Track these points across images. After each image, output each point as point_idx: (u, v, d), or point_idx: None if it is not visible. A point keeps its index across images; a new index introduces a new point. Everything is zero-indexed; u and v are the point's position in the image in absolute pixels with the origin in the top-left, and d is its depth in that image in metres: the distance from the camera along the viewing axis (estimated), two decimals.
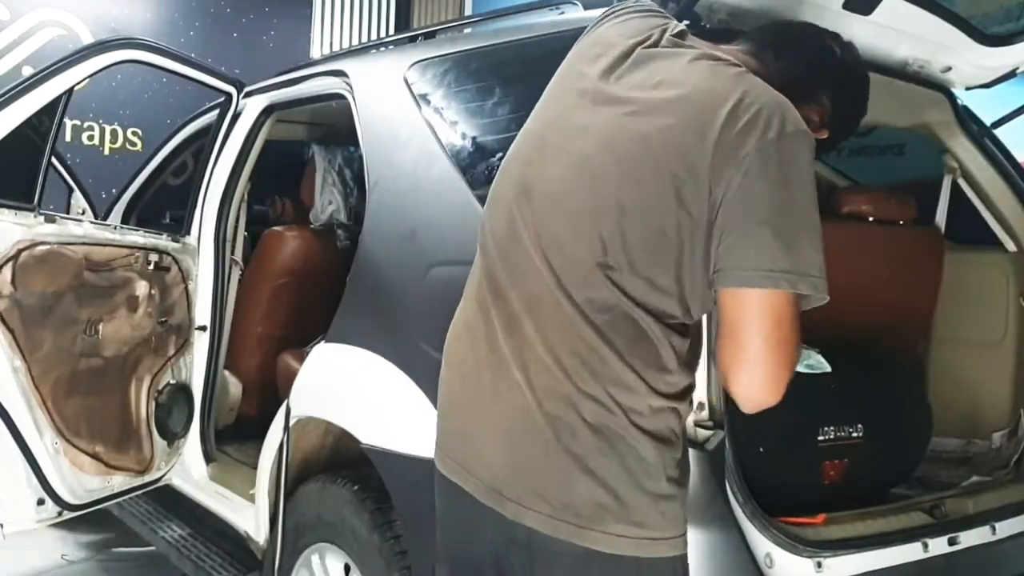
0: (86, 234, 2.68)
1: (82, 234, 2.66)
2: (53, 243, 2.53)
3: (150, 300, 2.84)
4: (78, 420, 2.60)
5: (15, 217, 2.45)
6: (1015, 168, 2.56)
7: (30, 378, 2.45)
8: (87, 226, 2.73)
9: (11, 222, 2.44)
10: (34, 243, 2.47)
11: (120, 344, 2.75)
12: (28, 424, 2.44)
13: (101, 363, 2.69)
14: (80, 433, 2.61)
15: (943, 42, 2.21)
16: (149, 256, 2.85)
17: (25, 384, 2.43)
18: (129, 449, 2.80)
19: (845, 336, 2.27)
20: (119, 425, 2.77)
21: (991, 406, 2.59)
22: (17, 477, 2.45)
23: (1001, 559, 2.06)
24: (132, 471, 2.80)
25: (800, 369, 2.03)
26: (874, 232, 2.42)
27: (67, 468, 2.55)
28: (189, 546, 3.05)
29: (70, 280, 2.58)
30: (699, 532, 1.63)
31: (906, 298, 2.51)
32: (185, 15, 6.37)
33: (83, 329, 2.62)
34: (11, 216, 2.44)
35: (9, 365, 2.40)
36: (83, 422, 2.62)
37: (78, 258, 2.60)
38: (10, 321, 2.40)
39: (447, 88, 2.28)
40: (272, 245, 3.39)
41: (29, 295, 2.46)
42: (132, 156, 5.82)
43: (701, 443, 1.63)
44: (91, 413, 2.66)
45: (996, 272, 2.61)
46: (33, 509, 2.49)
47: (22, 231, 2.45)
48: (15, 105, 2.46)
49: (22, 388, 2.43)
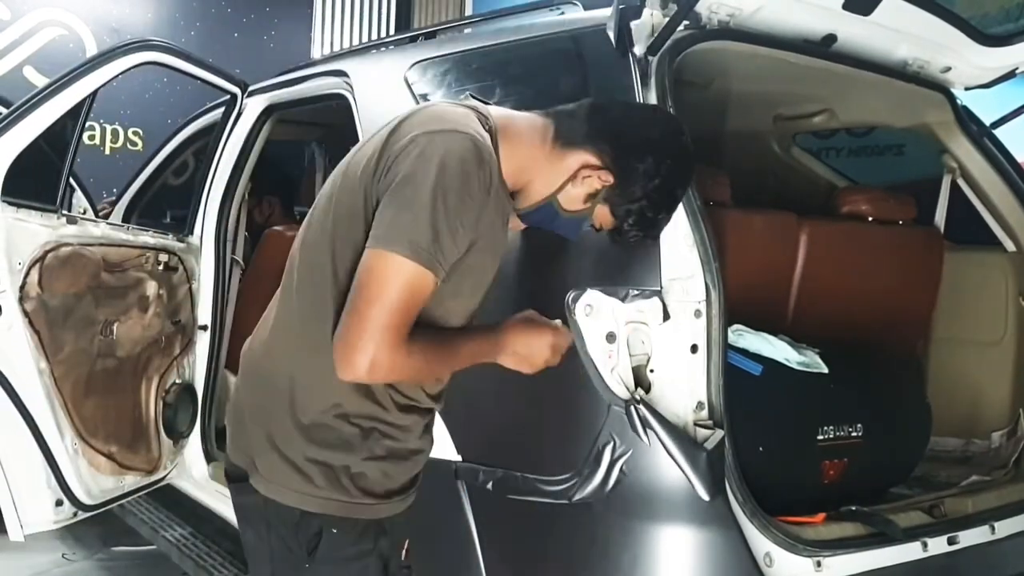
0: (103, 235, 2.69)
1: (100, 235, 2.68)
2: (75, 244, 2.54)
3: (159, 300, 2.85)
4: (95, 421, 2.60)
5: (41, 219, 2.46)
6: (1015, 168, 2.57)
7: (53, 380, 2.44)
8: (104, 227, 2.74)
9: (38, 224, 2.44)
10: (58, 244, 2.48)
11: (132, 344, 2.75)
12: (50, 425, 2.44)
13: (115, 364, 2.69)
14: (97, 434, 2.60)
15: (943, 42, 2.22)
16: (159, 256, 2.86)
17: (49, 385, 2.43)
18: (140, 449, 2.80)
19: (845, 336, 2.28)
20: (131, 425, 2.78)
21: (990, 406, 2.59)
22: (37, 478, 2.45)
23: (1000, 558, 2.07)
24: (143, 471, 2.80)
25: (797, 368, 2.05)
26: (874, 232, 2.43)
27: (85, 469, 2.54)
28: (189, 545, 3.05)
29: (89, 281, 2.58)
30: (699, 531, 1.64)
31: (906, 298, 2.52)
32: (186, 15, 6.37)
33: (99, 330, 2.62)
34: (37, 218, 2.44)
35: (35, 367, 2.40)
36: (99, 423, 2.62)
37: (96, 259, 2.61)
38: (37, 323, 2.40)
39: (447, 88, 2.28)
40: (272, 245, 3.39)
41: (54, 296, 2.46)
42: (133, 156, 5.82)
43: (701, 443, 1.63)
44: (106, 414, 2.66)
45: (996, 272, 2.61)
46: (52, 510, 2.49)
47: (48, 232, 2.46)
48: (42, 109, 2.45)
49: (46, 390, 2.42)
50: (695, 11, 1.87)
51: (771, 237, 2.22)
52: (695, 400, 1.66)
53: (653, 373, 1.67)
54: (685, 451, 1.60)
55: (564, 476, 1.68)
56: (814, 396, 2.07)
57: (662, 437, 1.60)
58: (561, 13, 2.36)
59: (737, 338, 2.02)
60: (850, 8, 2.00)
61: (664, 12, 1.81)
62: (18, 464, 2.39)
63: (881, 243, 2.43)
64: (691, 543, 1.65)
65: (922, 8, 2.04)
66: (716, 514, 1.64)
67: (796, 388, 2.04)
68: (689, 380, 1.67)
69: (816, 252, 2.25)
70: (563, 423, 1.75)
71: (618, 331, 1.64)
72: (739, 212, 2.15)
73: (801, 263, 2.24)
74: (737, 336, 2.02)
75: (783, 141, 3.14)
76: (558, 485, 1.69)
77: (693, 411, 1.66)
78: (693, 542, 1.65)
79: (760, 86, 2.53)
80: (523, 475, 1.74)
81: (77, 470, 2.51)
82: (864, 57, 2.21)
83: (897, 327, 2.54)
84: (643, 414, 1.61)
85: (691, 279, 1.66)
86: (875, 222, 2.43)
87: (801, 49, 2.12)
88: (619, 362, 1.65)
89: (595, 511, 1.67)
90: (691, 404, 1.66)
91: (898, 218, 2.47)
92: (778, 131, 3.06)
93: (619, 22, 1.83)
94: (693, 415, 1.66)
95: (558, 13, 2.37)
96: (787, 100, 2.79)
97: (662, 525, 1.65)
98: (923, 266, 2.54)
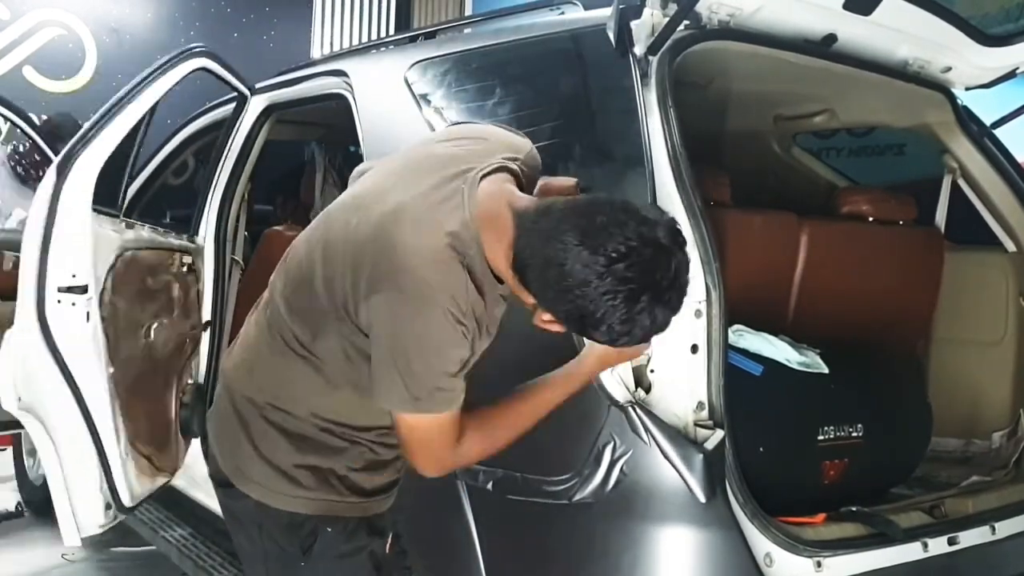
0: (150, 238, 2.72)
1: (148, 239, 2.70)
2: (132, 249, 2.56)
3: (182, 302, 2.87)
4: (139, 424, 2.60)
5: (112, 225, 2.49)
6: (1015, 168, 2.57)
7: (114, 384, 2.44)
8: (147, 230, 2.77)
9: (111, 230, 2.47)
10: (124, 249, 2.50)
11: (164, 346, 2.76)
12: (109, 430, 2.43)
13: (152, 366, 2.71)
14: (140, 436, 2.61)
15: (943, 42, 2.22)
16: (183, 258, 2.88)
17: (112, 390, 2.43)
18: (169, 450, 2.80)
19: (845, 336, 2.27)
20: (164, 427, 2.79)
21: (991, 406, 2.59)
22: (93, 482, 2.43)
23: (1001, 559, 2.07)
24: (169, 472, 2.81)
25: (797, 368, 2.05)
26: (874, 232, 2.43)
27: (132, 473, 2.53)
28: (189, 545, 3.05)
29: (139, 285, 2.61)
30: (699, 532, 1.64)
31: (906, 298, 2.52)
32: (185, 15, 6.37)
33: (144, 333, 2.64)
34: (110, 224, 2.47)
35: (105, 372, 2.39)
36: (142, 426, 2.63)
37: (145, 263, 2.64)
38: (108, 328, 2.40)
39: (447, 88, 2.28)
40: (272, 245, 3.39)
41: (120, 300, 2.48)
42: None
43: (701, 443, 1.63)
44: (148, 416, 2.67)
45: (996, 272, 2.61)
46: (102, 513, 2.47)
47: (118, 238, 2.49)
48: (118, 119, 2.45)
49: (110, 394, 2.42)
50: (695, 11, 1.87)
51: (771, 237, 2.22)
52: (695, 400, 1.66)
53: (653, 373, 1.67)
54: (681, 453, 1.61)
55: (564, 476, 1.68)
56: (814, 396, 2.07)
57: (659, 439, 1.61)
58: (561, 13, 2.36)
59: (737, 338, 2.02)
60: (850, 8, 2.01)
61: (664, 12, 1.81)
62: (78, 468, 2.39)
63: (881, 243, 2.43)
64: (691, 543, 1.65)
65: (922, 8, 2.04)
66: (716, 514, 1.63)
67: (796, 388, 2.04)
68: (689, 380, 1.67)
69: (816, 252, 2.25)
70: (563, 423, 1.74)
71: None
72: (739, 212, 2.15)
73: (801, 263, 2.24)
74: (737, 336, 2.02)
75: (783, 141, 3.14)
76: (558, 485, 1.69)
77: (693, 411, 1.66)
78: (693, 542, 1.65)
79: (760, 86, 2.53)
80: (523, 475, 1.74)
81: (126, 474, 2.51)
82: (864, 57, 2.21)
83: (897, 327, 2.54)
84: (642, 415, 1.62)
85: (691, 279, 1.65)
86: (875, 222, 2.43)
87: (801, 49, 2.12)
88: None
89: (595, 511, 1.67)
90: (691, 404, 1.66)
91: (898, 218, 2.47)
92: (778, 131, 3.06)
93: (619, 22, 1.82)
94: (693, 415, 1.66)
95: (558, 13, 2.37)
96: (787, 100, 2.79)
97: (662, 525, 1.65)
98: (923, 266, 2.54)
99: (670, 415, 1.64)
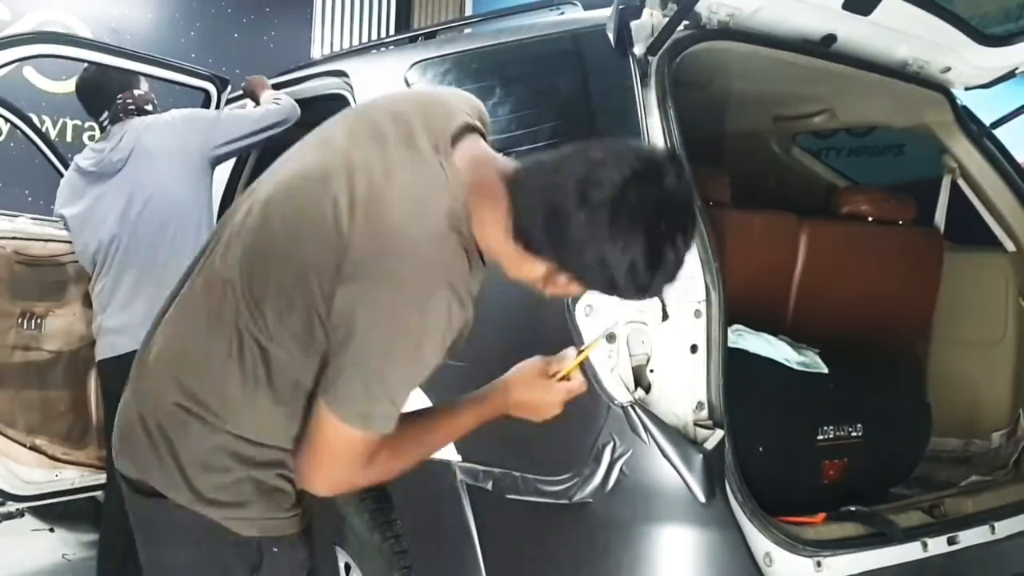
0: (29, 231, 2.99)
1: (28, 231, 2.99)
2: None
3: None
4: (30, 416, 2.74)
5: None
6: (1015, 168, 2.57)
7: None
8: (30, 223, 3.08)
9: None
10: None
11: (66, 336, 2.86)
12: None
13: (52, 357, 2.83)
14: (32, 428, 2.75)
15: (943, 42, 2.22)
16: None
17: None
18: (85, 444, 2.88)
19: (844, 336, 2.27)
20: (68, 418, 2.88)
21: (990, 406, 2.59)
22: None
23: (1000, 558, 2.07)
24: (90, 467, 2.89)
25: (797, 368, 2.05)
26: (874, 232, 2.43)
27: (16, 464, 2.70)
28: None
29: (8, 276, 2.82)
30: (699, 531, 1.64)
31: (906, 298, 2.52)
32: (185, 15, 6.37)
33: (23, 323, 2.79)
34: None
35: None
36: (34, 417, 2.76)
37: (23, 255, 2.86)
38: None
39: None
40: None
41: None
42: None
43: (701, 443, 1.63)
44: (28, 405, 2.78)
45: (995, 272, 2.61)
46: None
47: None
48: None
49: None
50: (695, 11, 1.87)
51: (771, 237, 2.22)
52: (695, 400, 1.66)
53: (653, 373, 1.67)
54: (681, 452, 1.61)
55: (564, 476, 1.68)
56: (814, 396, 2.07)
57: (658, 439, 1.61)
58: (561, 13, 2.36)
59: (737, 338, 2.02)
60: (850, 8, 2.01)
61: (664, 12, 1.81)
62: None
63: (881, 243, 2.43)
64: (691, 543, 1.65)
65: (922, 8, 2.05)
66: (716, 514, 1.63)
67: (796, 388, 2.04)
68: (689, 380, 1.67)
69: (816, 252, 2.25)
70: (563, 423, 1.74)
71: (618, 331, 1.64)
72: (739, 212, 2.15)
73: (801, 263, 2.24)
74: (737, 336, 2.02)
75: (783, 141, 3.14)
76: (558, 485, 1.68)
77: (693, 411, 1.66)
78: (693, 542, 1.65)
79: (760, 86, 2.53)
80: (523, 475, 1.74)
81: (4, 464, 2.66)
82: (864, 57, 2.21)
83: (897, 327, 2.54)
84: (641, 415, 1.62)
85: (691, 279, 1.65)
86: (875, 222, 2.43)
87: (801, 49, 2.12)
88: (619, 362, 1.64)
89: (595, 511, 1.66)
90: (691, 404, 1.66)
91: (898, 218, 2.47)
92: (778, 131, 3.07)
93: (619, 22, 1.82)
94: (693, 415, 1.66)
95: (558, 13, 2.37)
96: (787, 100, 2.79)
97: (662, 525, 1.64)
98: (923, 266, 2.54)
99: (670, 415, 1.64)
